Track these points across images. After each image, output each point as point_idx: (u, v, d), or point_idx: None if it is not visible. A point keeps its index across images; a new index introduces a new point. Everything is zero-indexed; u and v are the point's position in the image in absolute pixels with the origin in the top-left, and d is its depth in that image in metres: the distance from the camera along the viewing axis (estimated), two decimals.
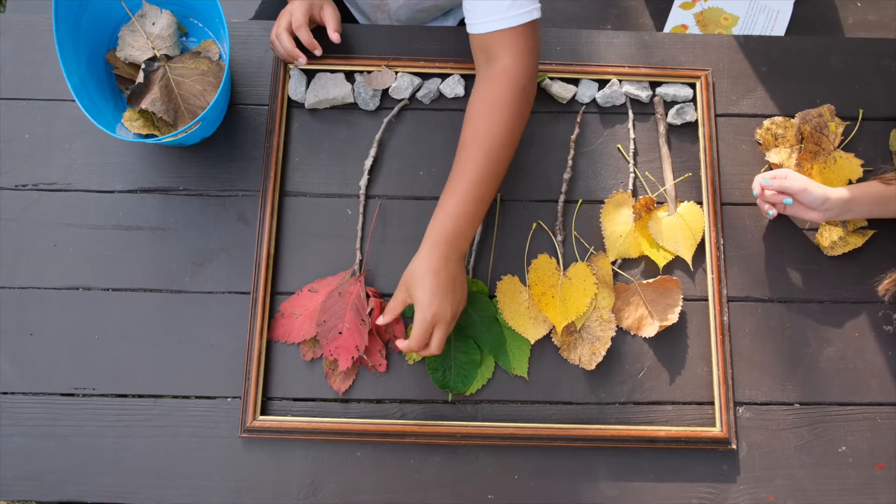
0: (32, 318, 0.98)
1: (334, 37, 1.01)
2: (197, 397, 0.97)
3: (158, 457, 0.94)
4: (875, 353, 0.99)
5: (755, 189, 0.96)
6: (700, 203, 1.03)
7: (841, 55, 1.11)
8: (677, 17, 1.49)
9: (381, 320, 0.88)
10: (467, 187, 0.87)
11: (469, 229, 0.88)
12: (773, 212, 0.96)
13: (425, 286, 0.84)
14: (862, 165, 1.04)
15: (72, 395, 0.96)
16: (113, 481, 0.94)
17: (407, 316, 0.98)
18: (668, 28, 1.48)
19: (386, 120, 1.05)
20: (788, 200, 0.94)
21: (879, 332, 1.00)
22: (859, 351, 0.99)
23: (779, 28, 1.47)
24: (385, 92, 1.07)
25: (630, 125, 1.06)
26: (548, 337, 0.98)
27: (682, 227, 1.01)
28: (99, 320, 0.98)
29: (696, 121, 1.06)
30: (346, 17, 1.23)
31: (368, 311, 0.95)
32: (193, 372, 0.97)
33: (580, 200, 1.04)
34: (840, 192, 0.93)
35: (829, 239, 1.01)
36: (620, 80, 1.07)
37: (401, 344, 0.86)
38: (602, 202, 1.03)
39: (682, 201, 1.03)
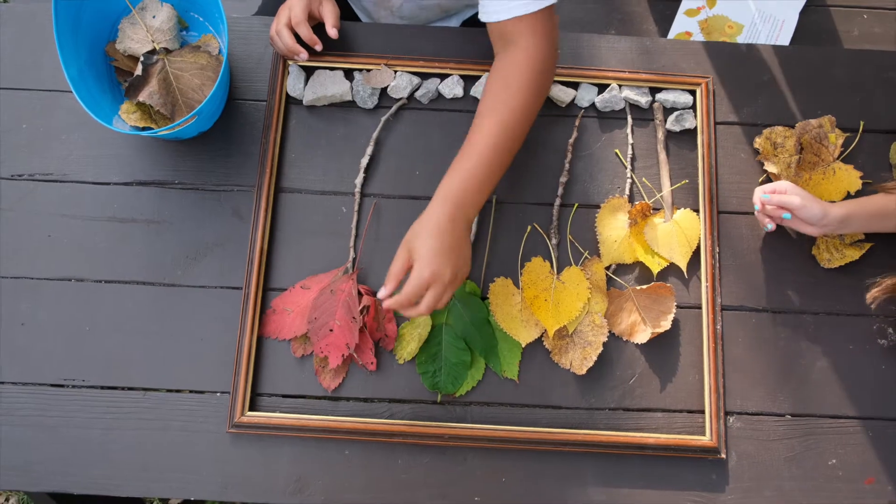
0: (24, 308, 0.98)
1: (332, 32, 1.01)
2: (187, 391, 0.97)
3: (146, 449, 0.94)
4: (869, 366, 0.98)
5: (756, 204, 0.96)
6: (696, 210, 1.03)
7: (844, 66, 1.10)
8: (682, 24, 1.49)
9: (382, 292, 0.84)
10: (482, 152, 0.87)
11: (478, 195, 0.87)
12: (771, 225, 0.96)
13: (428, 244, 0.82)
14: (861, 177, 1.03)
15: (61, 385, 0.96)
16: (101, 473, 0.94)
17: (399, 315, 0.98)
18: (672, 35, 1.48)
19: (384, 119, 1.05)
20: (787, 215, 0.93)
21: (874, 345, 0.99)
22: (853, 364, 0.98)
23: (784, 38, 1.46)
24: (384, 91, 1.07)
25: (629, 130, 1.06)
26: (539, 340, 0.98)
27: (678, 234, 1.00)
28: (91, 312, 0.98)
29: (696, 128, 1.06)
30: (347, 15, 1.23)
31: (360, 309, 0.95)
32: (184, 366, 0.97)
33: (576, 204, 1.03)
34: (838, 209, 0.93)
35: (826, 251, 1.01)
36: (620, 85, 1.06)
37: (383, 294, 0.83)
38: (598, 207, 1.03)
39: (679, 208, 1.03)
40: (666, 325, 0.96)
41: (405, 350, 0.97)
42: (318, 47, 1.02)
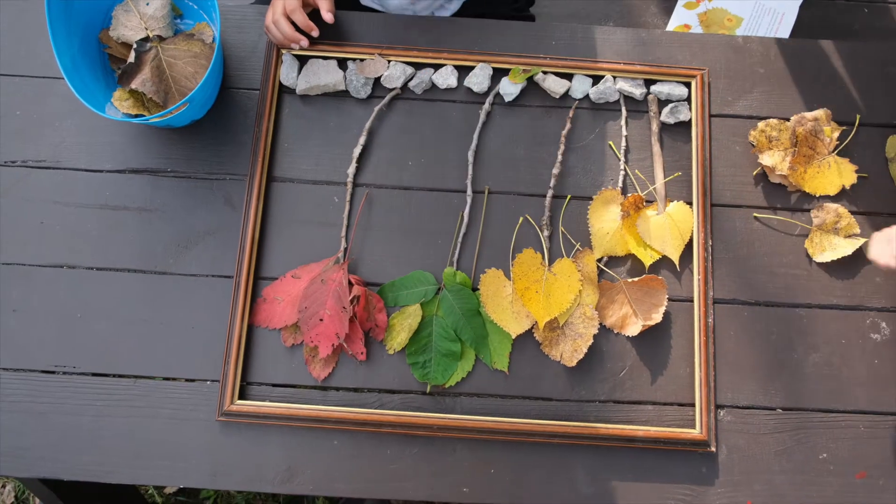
0: (16, 295, 0.98)
1: (328, 17, 1.01)
2: (177, 379, 0.97)
3: (136, 437, 0.94)
4: (861, 360, 0.98)
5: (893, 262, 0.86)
6: (690, 203, 1.02)
7: (840, 59, 1.09)
8: (681, 17, 1.48)
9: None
10: None
11: None
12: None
13: None
14: (857, 171, 1.02)
15: (52, 372, 0.96)
16: (91, 459, 0.94)
17: (390, 305, 0.98)
18: (670, 27, 1.47)
19: (377, 108, 1.04)
20: None
21: (866, 339, 0.99)
22: (845, 358, 0.98)
23: (783, 31, 1.45)
24: (377, 80, 1.06)
25: (623, 122, 1.05)
26: (530, 332, 0.97)
27: (671, 226, 1.00)
28: (82, 299, 0.98)
29: (690, 120, 1.05)
30: (339, 4, 1.22)
31: (350, 298, 0.95)
32: (174, 354, 0.97)
33: (569, 196, 1.03)
34: None
35: (819, 245, 1.00)
36: (615, 77, 1.06)
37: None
38: (591, 199, 1.02)
39: (672, 201, 1.02)
40: (657, 317, 0.96)
41: (395, 340, 0.97)
42: (315, 33, 1.02)
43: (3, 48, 1.07)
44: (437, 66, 1.06)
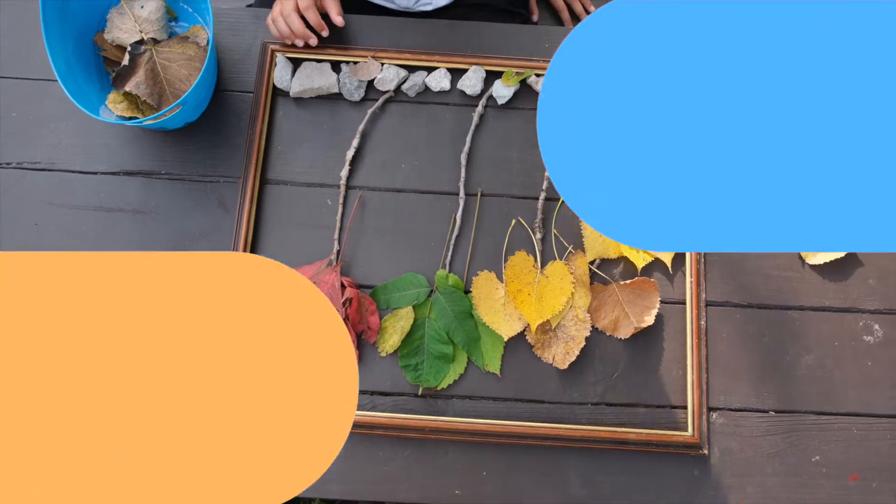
0: None
1: (338, 20, 1.01)
2: None
3: None
4: (854, 362, 0.98)
5: None
6: None
7: None
8: None
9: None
10: None
11: None
12: None
13: None
14: None
15: None
16: None
17: (382, 308, 0.98)
18: None
19: (370, 111, 1.05)
20: None
21: (859, 341, 0.99)
22: (838, 360, 0.98)
23: None
24: (370, 83, 1.06)
25: None
26: (522, 334, 0.98)
27: None
28: None
29: None
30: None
31: (343, 301, 0.95)
32: None
33: (561, 199, 1.03)
34: None
35: None
36: None
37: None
38: None
39: None
40: (650, 320, 0.96)
41: (387, 343, 0.97)
42: (325, 33, 1.03)
43: (1, 50, 1.08)
44: (430, 69, 1.07)
